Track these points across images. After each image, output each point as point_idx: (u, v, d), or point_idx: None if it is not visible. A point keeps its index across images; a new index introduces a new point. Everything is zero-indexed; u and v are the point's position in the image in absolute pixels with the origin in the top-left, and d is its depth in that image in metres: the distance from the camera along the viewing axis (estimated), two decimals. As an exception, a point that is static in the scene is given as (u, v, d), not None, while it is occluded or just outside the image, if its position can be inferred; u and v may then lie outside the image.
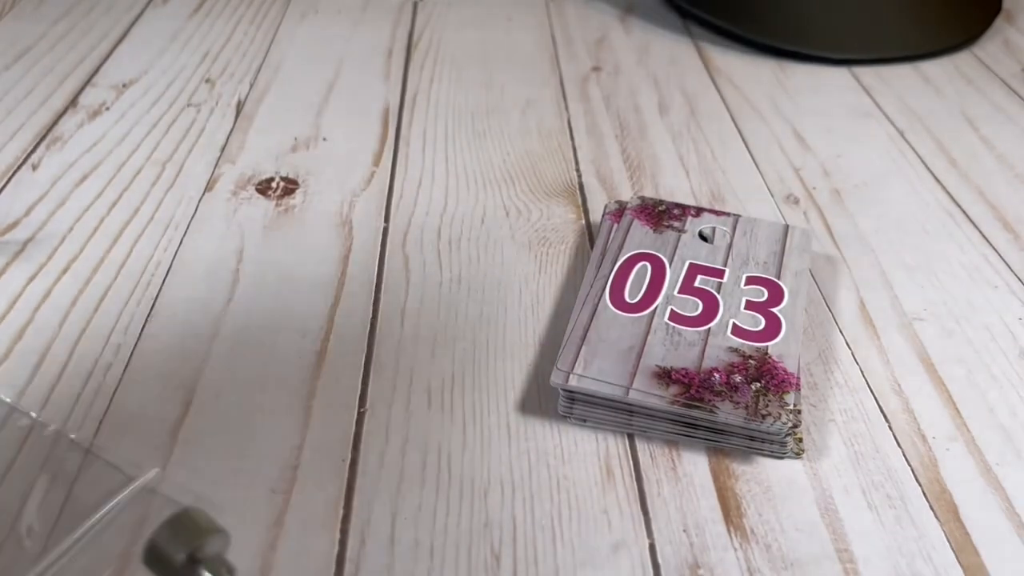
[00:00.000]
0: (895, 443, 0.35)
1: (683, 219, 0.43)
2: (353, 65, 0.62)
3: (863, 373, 0.38)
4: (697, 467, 0.33)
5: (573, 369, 0.34)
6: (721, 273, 0.39)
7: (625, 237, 0.41)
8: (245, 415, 0.35)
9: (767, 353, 0.35)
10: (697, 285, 0.39)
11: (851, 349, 0.39)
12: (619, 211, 0.43)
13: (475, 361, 0.38)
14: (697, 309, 0.37)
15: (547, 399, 0.36)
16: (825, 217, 0.47)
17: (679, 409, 0.33)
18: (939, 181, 0.51)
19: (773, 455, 0.33)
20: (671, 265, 0.40)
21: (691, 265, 0.40)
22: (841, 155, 0.53)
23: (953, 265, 0.44)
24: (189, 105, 0.56)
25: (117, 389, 0.36)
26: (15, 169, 0.49)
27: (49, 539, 0.29)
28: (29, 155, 0.51)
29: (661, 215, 0.43)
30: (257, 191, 0.48)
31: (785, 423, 0.32)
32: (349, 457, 0.33)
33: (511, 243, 0.45)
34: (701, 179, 0.50)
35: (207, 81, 0.59)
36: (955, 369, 0.38)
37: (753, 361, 0.35)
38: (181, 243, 0.44)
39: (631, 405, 0.34)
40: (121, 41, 0.64)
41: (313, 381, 0.36)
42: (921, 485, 0.33)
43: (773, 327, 0.36)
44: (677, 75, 0.61)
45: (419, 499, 0.32)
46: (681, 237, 0.42)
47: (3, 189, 0.48)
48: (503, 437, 0.34)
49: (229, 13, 0.69)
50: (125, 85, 0.58)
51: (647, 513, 0.32)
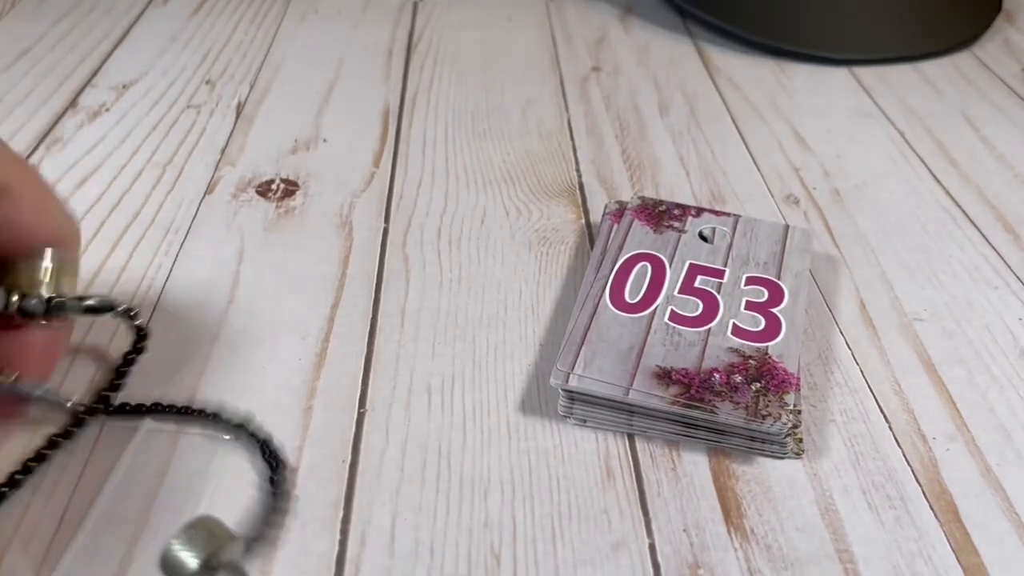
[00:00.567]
0: (895, 443, 0.35)
1: (683, 219, 0.43)
2: (353, 65, 0.62)
3: (863, 373, 0.38)
4: (697, 467, 0.33)
5: (573, 369, 0.34)
6: (721, 273, 0.39)
7: (625, 237, 0.41)
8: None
9: (767, 353, 0.35)
10: (697, 285, 0.39)
11: (851, 349, 0.39)
12: (619, 211, 0.43)
13: (475, 361, 0.38)
14: (697, 309, 0.37)
15: (547, 399, 0.36)
16: (825, 217, 0.47)
17: (679, 409, 0.33)
18: (939, 181, 0.51)
19: (773, 455, 0.33)
20: (671, 265, 0.40)
21: (691, 265, 0.40)
22: (841, 155, 0.53)
23: (953, 265, 0.44)
24: (189, 106, 0.56)
25: (117, 390, 0.36)
26: (15, 170, 0.49)
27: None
28: (29, 156, 0.51)
29: (661, 215, 0.43)
30: (257, 193, 0.48)
31: (785, 423, 0.32)
32: (349, 458, 0.33)
33: (511, 243, 0.45)
34: (701, 179, 0.50)
35: (207, 82, 0.59)
36: (955, 369, 0.38)
37: (753, 361, 0.35)
38: (182, 247, 0.44)
39: (631, 405, 0.34)
40: (121, 41, 0.64)
41: (313, 382, 0.36)
42: (921, 485, 0.33)
43: (773, 327, 0.37)
44: (677, 75, 0.61)
45: (419, 499, 0.32)
46: (681, 237, 0.42)
47: (3, 190, 0.48)
48: (503, 437, 0.34)
49: (229, 13, 0.69)
50: (125, 86, 0.58)
51: (647, 513, 0.32)
